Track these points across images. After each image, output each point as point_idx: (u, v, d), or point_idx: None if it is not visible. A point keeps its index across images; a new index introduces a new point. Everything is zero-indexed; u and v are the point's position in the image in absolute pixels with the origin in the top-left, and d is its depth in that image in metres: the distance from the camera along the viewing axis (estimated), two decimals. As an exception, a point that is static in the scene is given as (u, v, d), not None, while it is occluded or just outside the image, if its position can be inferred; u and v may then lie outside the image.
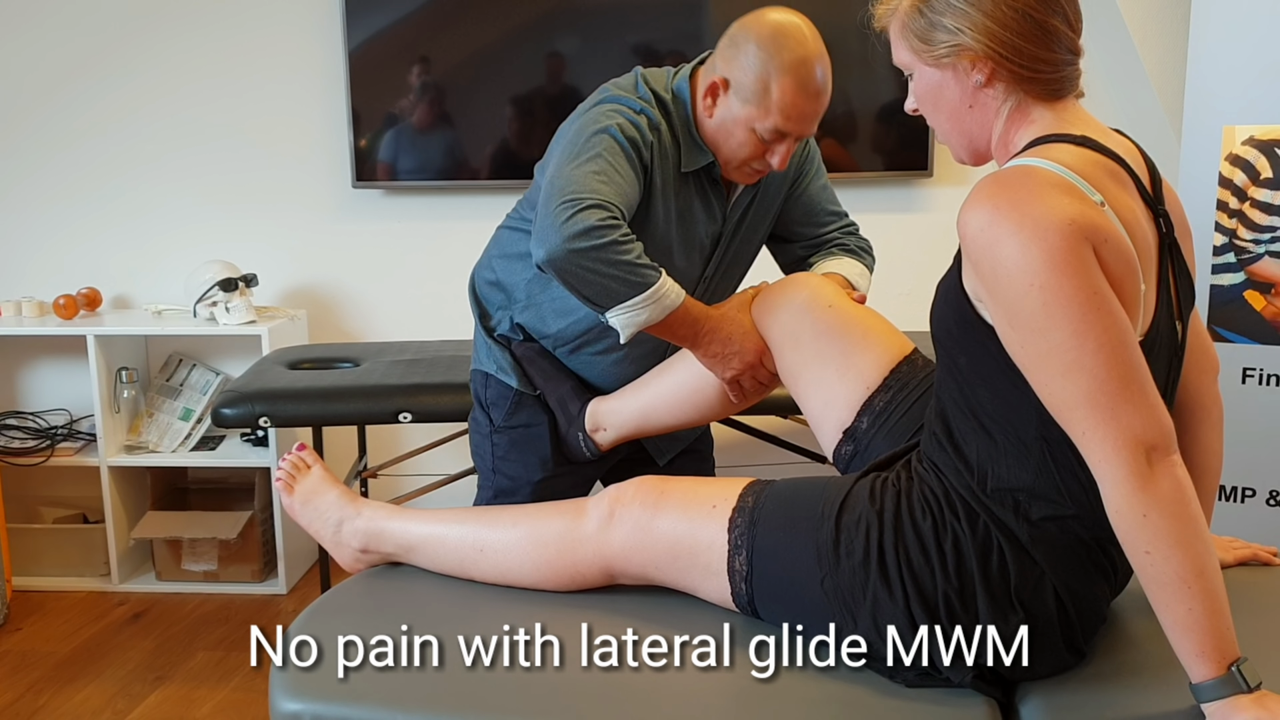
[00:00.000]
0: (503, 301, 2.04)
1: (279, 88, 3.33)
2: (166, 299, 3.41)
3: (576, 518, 1.54)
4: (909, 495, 1.39)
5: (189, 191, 3.40)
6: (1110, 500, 1.21)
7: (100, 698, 2.59)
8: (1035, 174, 1.25)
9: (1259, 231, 2.49)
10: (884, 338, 1.68)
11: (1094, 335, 1.19)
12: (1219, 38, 2.47)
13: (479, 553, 1.58)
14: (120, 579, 3.22)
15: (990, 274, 1.23)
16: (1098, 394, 1.19)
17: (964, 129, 1.39)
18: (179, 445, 3.25)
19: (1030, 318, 1.21)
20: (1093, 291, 1.20)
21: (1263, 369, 2.50)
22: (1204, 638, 1.19)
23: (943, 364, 1.41)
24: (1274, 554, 1.66)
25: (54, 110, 3.39)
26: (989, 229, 1.22)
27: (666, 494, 1.50)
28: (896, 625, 1.34)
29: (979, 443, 1.35)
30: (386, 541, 1.65)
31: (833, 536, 1.39)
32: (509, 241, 2.03)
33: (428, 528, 1.63)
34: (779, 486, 1.48)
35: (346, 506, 1.68)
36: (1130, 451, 1.19)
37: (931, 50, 1.35)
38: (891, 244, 3.32)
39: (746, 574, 1.44)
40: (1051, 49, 1.33)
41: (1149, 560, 1.19)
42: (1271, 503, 2.53)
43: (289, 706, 1.32)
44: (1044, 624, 1.33)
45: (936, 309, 1.40)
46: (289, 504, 1.72)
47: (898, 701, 1.31)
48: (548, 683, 1.34)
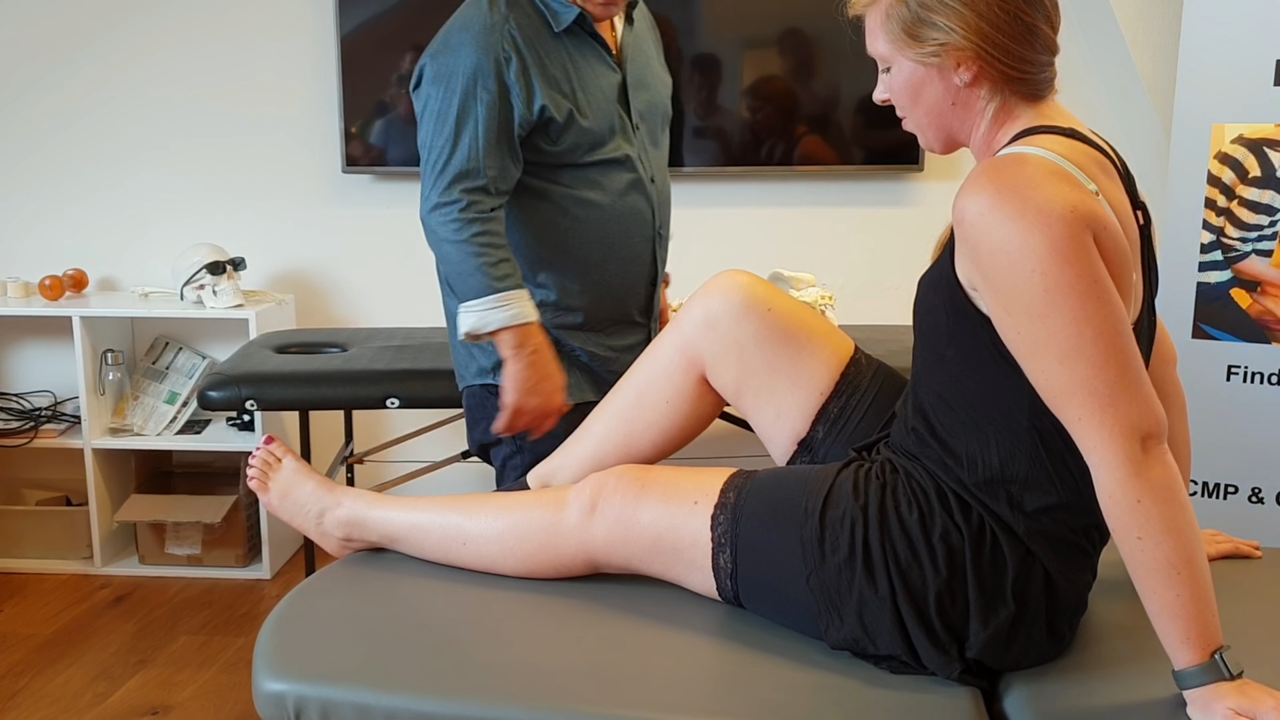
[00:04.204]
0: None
1: (270, 72, 3.32)
2: (153, 281, 3.39)
3: (558, 509, 1.52)
4: (893, 489, 1.38)
5: (178, 174, 3.39)
6: (1104, 486, 1.21)
7: (81, 680, 2.58)
8: (1032, 161, 1.26)
9: (1246, 230, 2.50)
10: (828, 339, 1.62)
11: (1094, 323, 1.20)
12: (1210, 36, 2.48)
13: (461, 545, 1.57)
14: (103, 562, 3.21)
15: (989, 259, 1.23)
16: (1096, 381, 1.20)
17: (943, 125, 1.38)
18: (164, 428, 3.24)
19: (1030, 304, 1.21)
20: (1094, 279, 1.21)
21: (1248, 367, 2.52)
22: (1189, 624, 1.19)
23: (926, 357, 1.40)
24: (1255, 548, 1.68)
25: (41, 91, 3.37)
26: (989, 214, 1.22)
27: (648, 486, 1.48)
28: (883, 622, 1.33)
29: (967, 435, 1.35)
30: (370, 531, 1.64)
31: (817, 533, 1.38)
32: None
33: (410, 517, 1.62)
34: (760, 480, 1.46)
35: (326, 496, 1.66)
36: (1126, 439, 1.20)
37: (918, 46, 1.33)
38: (881, 238, 3.34)
39: (731, 571, 1.44)
40: (1036, 50, 1.33)
41: (1140, 546, 1.20)
42: (1254, 499, 2.55)
43: (272, 688, 1.32)
44: (1033, 614, 1.34)
45: (923, 300, 1.40)
46: (266, 501, 1.70)
47: (882, 691, 1.31)
48: (531, 663, 1.34)
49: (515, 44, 1.88)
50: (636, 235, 2.02)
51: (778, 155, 3.23)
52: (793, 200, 3.31)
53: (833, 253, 3.34)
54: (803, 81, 3.18)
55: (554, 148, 1.92)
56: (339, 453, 3.22)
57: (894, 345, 2.69)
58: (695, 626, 1.43)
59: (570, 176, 1.95)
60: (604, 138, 1.95)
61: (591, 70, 1.96)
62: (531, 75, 1.88)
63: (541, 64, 1.90)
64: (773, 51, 3.17)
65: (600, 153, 1.95)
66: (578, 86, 1.93)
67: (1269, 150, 2.46)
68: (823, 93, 3.20)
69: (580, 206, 1.97)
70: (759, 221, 3.34)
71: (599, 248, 1.99)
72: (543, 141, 1.92)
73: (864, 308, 3.34)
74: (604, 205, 1.97)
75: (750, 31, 3.15)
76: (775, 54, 3.17)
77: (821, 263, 3.35)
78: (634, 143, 2.01)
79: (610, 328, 2.06)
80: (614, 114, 1.97)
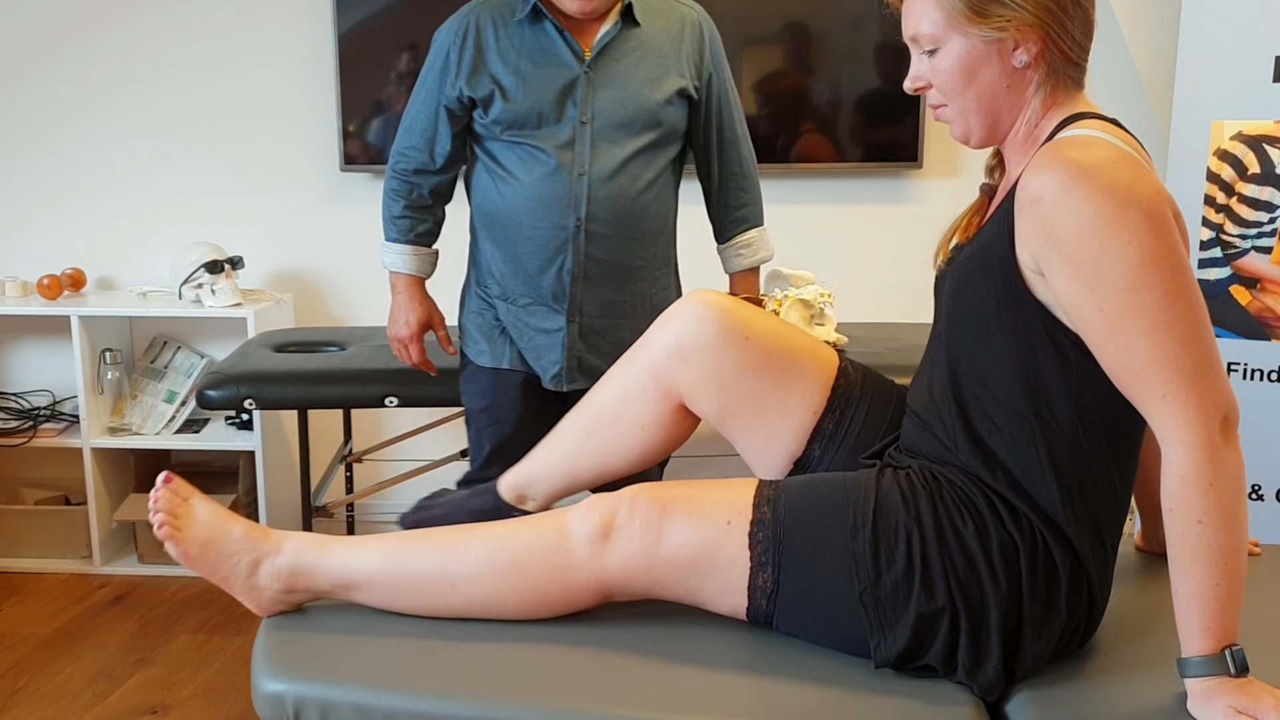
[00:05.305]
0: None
1: (268, 71, 3.31)
2: (152, 281, 3.39)
3: (560, 537, 1.39)
4: (941, 497, 1.33)
5: (176, 173, 3.38)
6: (1176, 466, 1.19)
7: (81, 680, 2.58)
8: (1102, 144, 1.25)
9: (1246, 226, 2.50)
10: (812, 355, 1.54)
11: (1184, 298, 1.19)
12: (1209, 33, 2.48)
13: (450, 588, 1.41)
14: (102, 561, 3.21)
15: (1075, 235, 1.20)
16: (1183, 357, 1.19)
17: (993, 109, 1.34)
18: (163, 428, 3.24)
19: (1123, 276, 1.19)
20: (1182, 256, 1.21)
21: (1247, 364, 2.52)
22: (1215, 614, 1.19)
23: (967, 344, 1.35)
24: (1254, 545, 1.69)
25: (38, 91, 3.36)
26: (1075, 190, 1.20)
27: (670, 509, 1.37)
28: (939, 635, 1.29)
29: (1010, 426, 1.31)
30: (320, 579, 1.43)
31: (871, 546, 1.31)
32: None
33: (375, 561, 1.42)
34: (794, 493, 1.38)
35: (261, 543, 1.43)
36: (1209, 419, 1.19)
37: (981, 23, 1.29)
38: (880, 235, 3.33)
39: (772, 591, 1.35)
40: (1089, 36, 1.33)
41: (1198, 530, 1.18)
42: (1255, 497, 2.55)
43: (271, 687, 1.31)
44: (1077, 623, 1.33)
45: (966, 285, 1.34)
46: (180, 553, 1.41)
47: (885, 697, 1.30)
48: (532, 663, 1.34)
49: (477, 26, 2.08)
50: (547, 223, 2.08)
51: (777, 152, 3.23)
52: (792, 197, 3.30)
53: (832, 250, 3.34)
54: (803, 78, 3.17)
55: (484, 120, 2.10)
56: (338, 451, 3.22)
57: (893, 343, 2.69)
58: (696, 627, 1.43)
59: (497, 149, 2.12)
60: (528, 122, 2.06)
61: (544, 60, 2.06)
62: (469, 56, 2.08)
63: (493, 47, 2.08)
64: (772, 48, 3.16)
65: (521, 135, 2.07)
66: (520, 71, 2.06)
67: (1268, 147, 2.46)
68: (823, 90, 3.19)
69: (501, 180, 2.11)
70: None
71: (511, 224, 2.11)
72: (479, 113, 2.11)
73: (863, 305, 3.34)
74: (519, 185, 2.09)
75: (750, 28, 3.15)
76: (775, 51, 3.16)
77: (821, 260, 3.34)
78: (572, 135, 2.06)
79: (528, 304, 2.15)
80: (551, 104, 2.05)
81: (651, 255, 2.17)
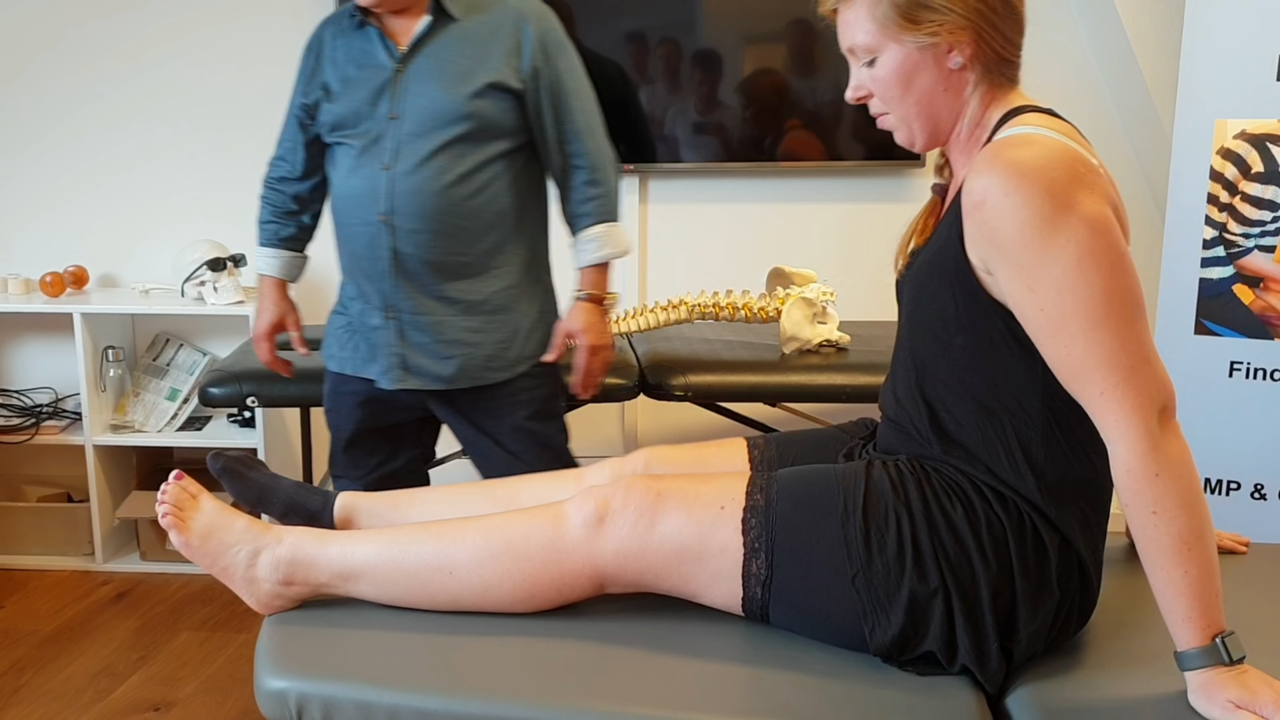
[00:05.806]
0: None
1: (271, 67, 3.31)
2: (154, 278, 3.39)
3: (556, 523, 1.42)
4: (930, 484, 1.35)
5: (178, 171, 3.38)
6: (1122, 460, 1.21)
7: (83, 677, 2.58)
8: (1041, 140, 1.26)
9: (1249, 225, 2.50)
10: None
11: (1119, 294, 1.21)
12: (1212, 32, 2.47)
13: (448, 575, 1.43)
14: (104, 558, 3.21)
15: (1016, 237, 1.22)
16: (1119, 353, 1.21)
17: (933, 112, 1.37)
18: (165, 425, 3.24)
19: (1060, 275, 1.21)
20: (1120, 252, 1.22)
21: (1250, 363, 2.52)
22: (1193, 603, 1.20)
23: (928, 348, 1.38)
24: (1245, 543, 1.70)
25: (41, 88, 3.37)
26: (1015, 194, 1.22)
27: (664, 496, 1.40)
28: (933, 617, 1.31)
29: (981, 424, 1.34)
30: (319, 570, 1.45)
31: (862, 531, 1.33)
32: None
33: (374, 551, 1.45)
34: (786, 481, 1.41)
35: (262, 535, 1.47)
36: (1147, 411, 1.20)
37: (914, 30, 1.33)
38: (882, 234, 3.33)
39: (765, 578, 1.37)
40: (1020, 34, 1.36)
41: (1154, 521, 1.20)
42: (1256, 496, 2.55)
43: (274, 685, 1.32)
44: (1071, 602, 1.34)
45: (921, 290, 1.38)
46: (182, 542, 1.47)
47: (885, 690, 1.30)
48: (534, 660, 1.34)
49: (320, 38, 2.18)
50: (358, 219, 2.10)
51: (779, 151, 3.23)
52: (794, 196, 3.30)
53: (834, 249, 3.34)
54: (804, 77, 3.17)
55: (318, 124, 2.17)
56: (340, 449, 3.21)
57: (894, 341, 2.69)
58: (696, 624, 1.43)
59: (331, 152, 2.18)
60: (346, 122, 2.10)
61: (365, 62, 2.11)
62: (309, 66, 2.17)
63: (328, 55, 2.15)
64: (773, 46, 3.16)
65: (343, 135, 2.12)
66: (345, 76, 2.12)
67: (1272, 146, 2.46)
68: (824, 88, 3.19)
69: (333, 180, 2.17)
70: (760, 218, 3.34)
71: (339, 223, 2.16)
72: (317, 119, 2.17)
73: (865, 304, 3.34)
74: (338, 183, 2.14)
75: (751, 26, 3.15)
76: (776, 49, 3.16)
77: (823, 259, 3.34)
78: (383, 130, 2.08)
79: (362, 304, 2.17)
80: (365, 103, 2.09)
81: (482, 252, 2.10)
